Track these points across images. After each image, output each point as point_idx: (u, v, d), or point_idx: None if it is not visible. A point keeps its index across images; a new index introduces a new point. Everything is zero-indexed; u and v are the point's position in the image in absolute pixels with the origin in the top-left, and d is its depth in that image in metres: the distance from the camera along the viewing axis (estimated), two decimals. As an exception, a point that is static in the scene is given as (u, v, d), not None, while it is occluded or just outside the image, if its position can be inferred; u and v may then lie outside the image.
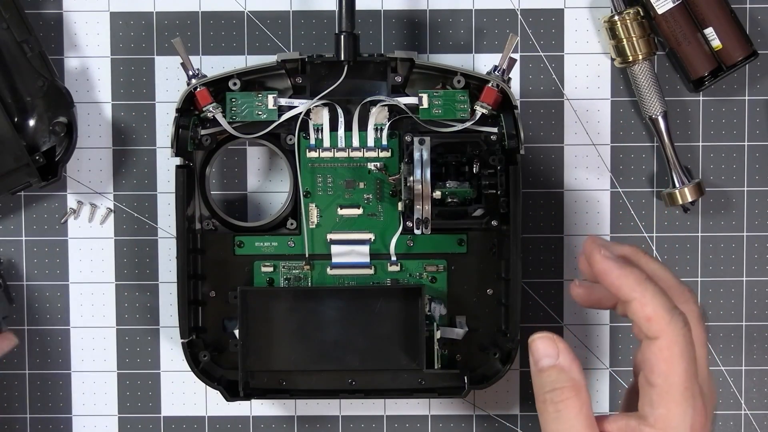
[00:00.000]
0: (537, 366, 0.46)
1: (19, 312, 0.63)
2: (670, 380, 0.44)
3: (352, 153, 0.58)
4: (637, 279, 0.44)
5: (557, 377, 0.45)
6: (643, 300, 0.44)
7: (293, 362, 0.57)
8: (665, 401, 0.44)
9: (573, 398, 0.45)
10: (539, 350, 0.46)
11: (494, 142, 0.57)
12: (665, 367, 0.44)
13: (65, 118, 0.59)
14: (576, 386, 0.45)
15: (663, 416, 0.44)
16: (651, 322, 0.44)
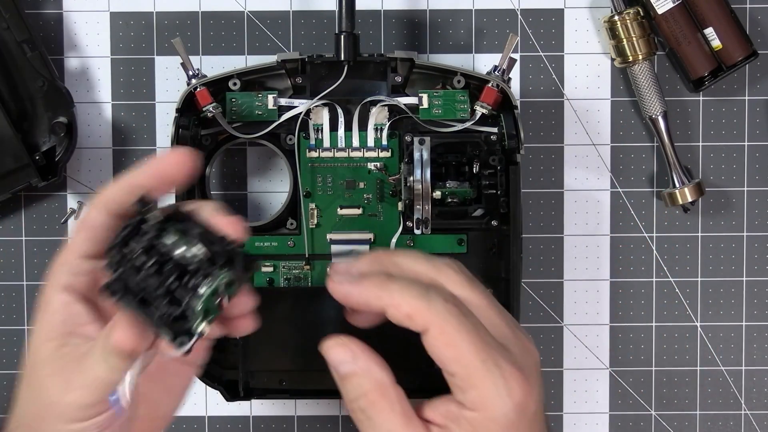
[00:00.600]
0: (338, 374, 0.44)
1: (19, 312, 0.63)
2: (464, 362, 0.41)
3: (352, 153, 0.58)
4: (377, 285, 0.43)
5: (359, 382, 0.43)
6: (393, 302, 0.42)
7: (293, 362, 0.57)
8: (471, 384, 0.41)
9: (380, 400, 0.43)
10: (334, 358, 0.44)
11: (494, 142, 0.57)
12: (451, 353, 0.41)
13: (65, 118, 0.59)
14: (380, 387, 0.43)
15: (476, 398, 0.42)
16: (413, 319, 0.42)
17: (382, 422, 0.43)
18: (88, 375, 0.41)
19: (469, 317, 0.42)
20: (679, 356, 0.63)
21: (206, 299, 0.39)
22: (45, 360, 0.43)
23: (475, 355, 0.41)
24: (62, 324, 0.43)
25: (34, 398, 0.43)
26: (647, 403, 0.63)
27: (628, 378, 0.63)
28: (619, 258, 0.63)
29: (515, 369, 0.42)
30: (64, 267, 0.44)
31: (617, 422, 0.63)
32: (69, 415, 0.42)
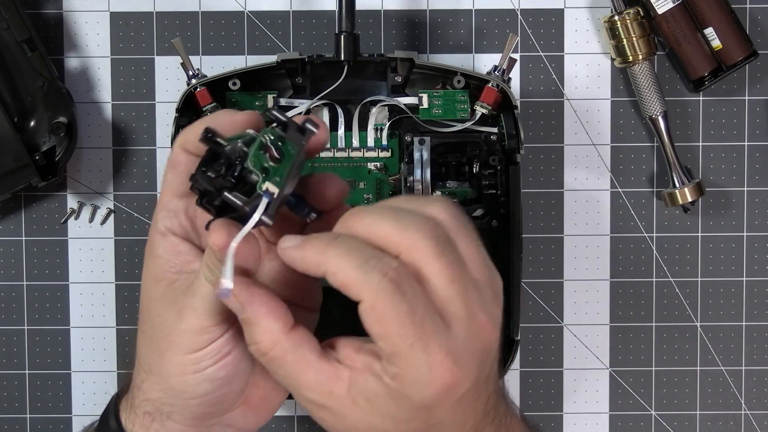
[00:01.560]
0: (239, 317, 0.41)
1: (19, 312, 0.63)
2: (390, 342, 0.39)
3: (352, 153, 0.58)
4: (317, 250, 0.40)
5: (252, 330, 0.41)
6: (330, 269, 0.40)
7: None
8: (394, 362, 0.40)
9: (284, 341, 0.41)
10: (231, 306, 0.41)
11: (494, 142, 0.57)
12: (379, 330, 0.39)
13: (65, 118, 0.59)
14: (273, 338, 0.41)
15: (397, 374, 0.40)
16: (348, 288, 0.40)
17: (278, 370, 0.41)
18: (196, 297, 0.42)
19: (406, 295, 0.39)
20: (679, 356, 0.63)
21: (254, 155, 0.40)
22: (157, 299, 0.44)
23: (403, 338, 0.39)
24: (169, 264, 0.44)
25: (151, 339, 0.44)
26: (647, 403, 0.63)
27: (628, 378, 0.63)
28: (619, 258, 0.63)
29: (446, 355, 0.39)
30: (161, 212, 0.45)
31: (617, 422, 0.63)
32: (186, 344, 0.43)
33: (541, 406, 0.63)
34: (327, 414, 0.42)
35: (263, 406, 0.47)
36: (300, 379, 0.41)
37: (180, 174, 0.45)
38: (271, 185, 0.40)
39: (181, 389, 0.44)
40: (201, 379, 0.44)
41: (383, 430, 0.41)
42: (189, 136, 0.44)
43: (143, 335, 0.45)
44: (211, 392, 0.44)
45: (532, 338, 0.63)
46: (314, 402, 0.42)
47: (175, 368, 0.44)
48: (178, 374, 0.44)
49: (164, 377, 0.44)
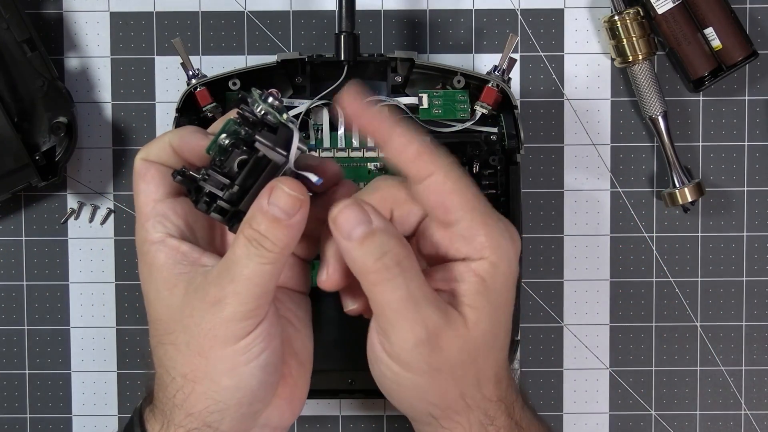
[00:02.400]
0: (354, 238, 0.41)
1: (19, 312, 0.63)
2: (470, 207, 0.41)
3: (352, 153, 0.58)
4: (388, 120, 0.42)
5: (382, 239, 0.41)
6: (403, 138, 0.42)
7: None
8: (478, 230, 0.41)
9: (407, 257, 0.41)
10: (347, 222, 0.41)
11: (494, 142, 0.57)
12: (457, 198, 0.41)
13: (65, 118, 0.59)
14: (402, 241, 0.42)
15: (484, 242, 0.42)
16: (418, 160, 0.41)
17: (408, 281, 0.41)
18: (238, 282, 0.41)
19: (467, 173, 0.43)
20: (679, 356, 0.63)
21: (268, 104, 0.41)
22: (180, 305, 0.43)
23: (479, 202, 0.42)
24: (176, 267, 0.43)
25: (187, 345, 0.42)
26: (647, 403, 0.63)
27: (628, 378, 0.63)
28: (619, 258, 0.63)
29: (509, 224, 0.43)
30: (149, 221, 0.44)
31: (617, 422, 0.63)
32: (232, 333, 0.41)
33: (541, 406, 0.63)
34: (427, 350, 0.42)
35: (294, 395, 0.46)
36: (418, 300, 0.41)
37: (151, 181, 0.44)
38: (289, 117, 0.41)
39: (235, 385, 0.42)
40: (254, 368, 0.42)
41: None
42: (152, 150, 0.44)
43: (173, 347, 0.43)
44: (264, 380, 0.42)
45: (532, 338, 0.63)
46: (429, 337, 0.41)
47: (226, 363, 0.42)
48: (230, 369, 0.42)
49: (215, 378, 0.42)
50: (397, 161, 0.42)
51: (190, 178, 0.42)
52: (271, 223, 0.40)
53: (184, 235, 0.44)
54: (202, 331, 0.42)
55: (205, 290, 0.42)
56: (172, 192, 0.45)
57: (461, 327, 0.42)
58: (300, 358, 0.46)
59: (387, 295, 0.41)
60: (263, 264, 0.41)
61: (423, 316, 0.41)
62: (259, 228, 0.41)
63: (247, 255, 0.41)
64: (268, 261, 0.41)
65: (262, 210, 0.41)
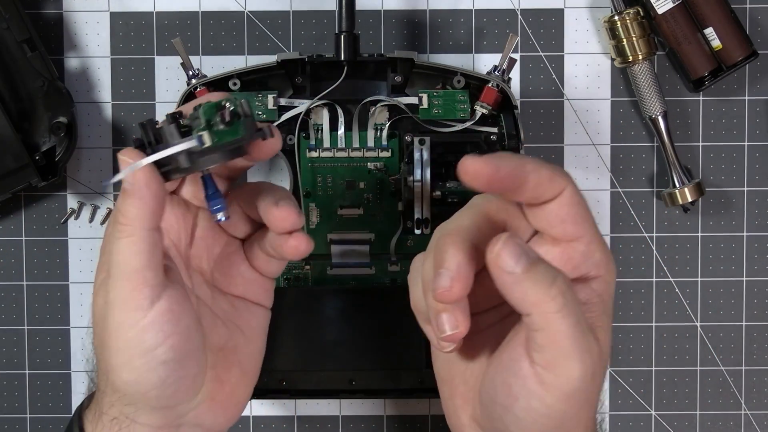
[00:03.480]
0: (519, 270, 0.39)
1: (19, 312, 0.63)
2: (591, 221, 0.42)
3: (352, 153, 0.58)
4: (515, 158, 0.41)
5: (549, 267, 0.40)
6: (535, 167, 0.41)
7: (293, 362, 0.57)
8: (597, 244, 0.42)
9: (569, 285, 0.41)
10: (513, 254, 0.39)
11: (494, 142, 0.57)
12: (584, 212, 0.42)
13: (65, 118, 0.59)
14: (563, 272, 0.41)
15: (601, 259, 0.42)
16: (553, 180, 0.41)
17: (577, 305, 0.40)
18: (113, 263, 0.41)
19: None
20: (679, 356, 0.63)
21: (207, 108, 0.41)
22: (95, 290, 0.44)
23: (593, 223, 0.42)
24: None
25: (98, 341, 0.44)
26: (647, 403, 0.63)
27: (628, 378, 0.63)
28: (619, 258, 0.63)
29: None
30: None
31: (617, 422, 0.63)
32: (120, 321, 0.42)
33: (541, 406, 0.63)
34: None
35: (231, 401, 0.46)
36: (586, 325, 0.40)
37: None
38: (207, 136, 0.41)
39: (135, 379, 0.42)
40: (152, 363, 0.42)
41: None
42: None
43: (96, 338, 0.44)
44: (165, 377, 0.42)
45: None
46: None
47: (121, 356, 0.42)
48: (126, 361, 0.42)
49: (117, 372, 0.42)
50: (534, 193, 0.41)
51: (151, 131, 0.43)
52: (121, 196, 0.41)
53: None
54: (101, 324, 0.43)
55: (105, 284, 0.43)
56: None
57: (602, 354, 0.41)
58: (244, 368, 0.47)
59: (563, 323, 0.39)
60: (120, 239, 0.41)
61: (590, 345, 0.40)
62: (117, 205, 0.41)
63: (111, 232, 0.42)
64: (125, 235, 0.41)
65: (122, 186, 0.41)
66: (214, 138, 0.41)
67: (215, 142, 0.41)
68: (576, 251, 0.42)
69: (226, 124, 0.41)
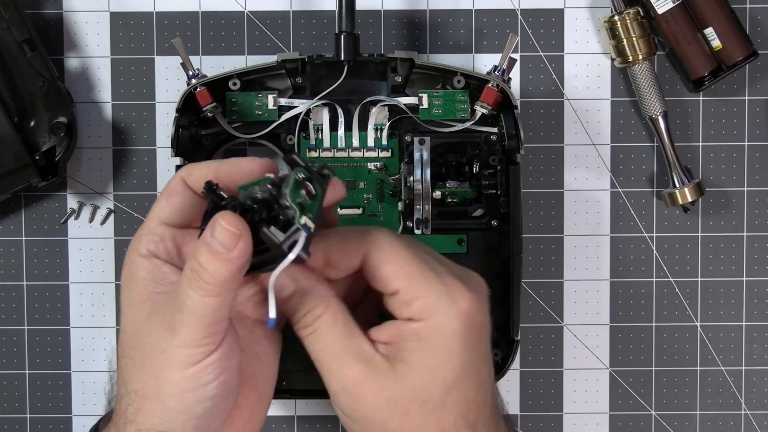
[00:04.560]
0: (280, 297, 0.44)
1: (19, 312, 0.63)
2: (404, 274, 0.43)
3: (352, 153, 0.58)
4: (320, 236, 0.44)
5: (302, 300, 0.44)
6: (329, 242, 0.43)
7: (293, 362, 0.57)
8: (414, 294, 0.43)
9: (326, 312, 0.43)
10: (277, 284, 0.43)
11: (494, 142, 0.57)
12: (392, 268, 0.43)
13: (65, 118, 0.59)
14: (325, 301, 0.44)
15: (422, 306, 0.43)
16: (348, 251, 0.43)
17: (327, 335, 0.43)
18: (183, 312, 0.42)
19: (404, 239, 0.44)
20: (679, 356, 0.63)
21: (292, 191, 0.41)
22: (143, 321, 0.43)
23: (415, 267, 0.43)
24: (152, 285, 0.44)
25: (142, 362, 0.43)
26: (647, 403, 0.63)
27: (628, 378, 0.63)
28: (619, 258, 0.63)
29: (457, 280, 0.43)
30: (147, 236, 0.45)
31: (617, 422, 0.63)
32: (182, 359, 0.42)
33: (541, 406, 0.63)
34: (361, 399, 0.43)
35: (248, 425, 0.47)
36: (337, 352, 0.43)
37: (174, 205, 0.45)
38: (308, 220, 0.41)
39: (180, 409, 0.43)
40: (202, 396, 0.43)
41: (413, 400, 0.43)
42: (194, 172, 0.45)
43: (131, 362, 0.44)
44: (211, 409, 0.43)
45: (532, 338, 0.63)
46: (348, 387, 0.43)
47: (173, 387, 0.42)
48: (177, 392, 0.42)
49: (162, 399, 0.43)
50: (343, 267, 0.44)
51: (218, 195, 0.43)
52: (210, 256, 0.41)
53: (172, 260, 0.45)
54: (155, 352, 0.43)
55: (164, 314, 0.43)
56: (182, 222, 0.46)
57: (388, 379, 0.43)
58: (261, 392, 0.47)
59: (310, 347, 0.44)
60: (204, 296, 0.41)
61: (342, 366, 0.43)
62: (200, 260, 0.41)
63: (189, 285, 0.42)
64: (208, 293, 0.41)
65: (204, 242, 0.41)
66: (311, 215, 0.41)
67: (314, 217, 0.41)
68: (397, 300, 0.43)
69: (312, 196, 0.42)
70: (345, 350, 0.43)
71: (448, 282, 0.43)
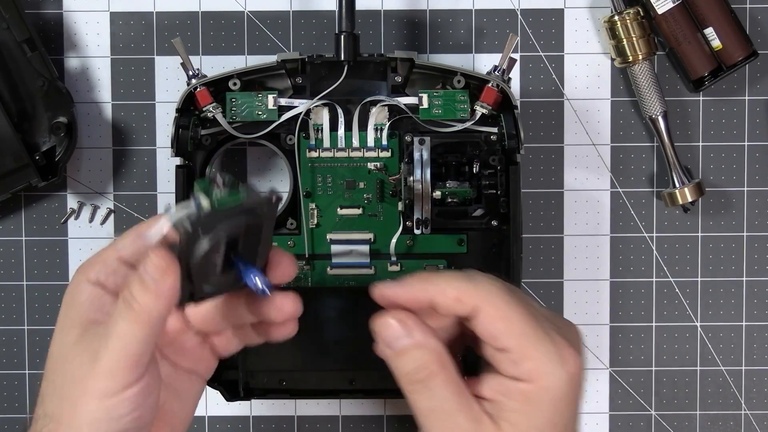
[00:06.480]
0: (392, 349, 0.44)
1: (19, 312, 0.63)
2: (517, 334, 0.42)
3: (352, 153, 0.58)
4: (421, 280, 0.44)
5: (418, 354, 0.43)
6: (439, 289, 0.43)
7: (293, 362, 0.57)
8: (525, 355, 0.42)
9: (440, 371, 0.43)
10: (388, 335, 0.44)
11: (494, 142, 0.57)
12: (504, 325, 0.42)
13: (65, 118, 0.59)
14: (439, 358, 0.43)
15: (531, 369, 0.42)
16: (462, 300, 0.43)
17: (439, 393, 0.43)
18: (112, 338, 0.42)
19: (516, 295, 0.43)
20: (679, 356, 0.63)
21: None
22: (70, 345, 0.43)
23: (528, 326, 0.42)
24: (89, 312, 0.44)
25: (62, 386, 0.43)
26: (647, 403, 0.63)
27: (628, 378, 0.63)
28: (619, 258, 0.63)
29: (566, 341, 0.43)
30: (99, 264, 0.45)
31: (617, 422, 0.63)
32: (100, 389, 0.42)
33: (541, 406, 0.63)
34: None
35: None
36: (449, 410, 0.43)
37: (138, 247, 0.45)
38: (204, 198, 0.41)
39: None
40: (115, 428, 0.42)
41: None
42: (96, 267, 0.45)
43: (51, 385, 0.44)
44: None
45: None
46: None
47: (88, 415, 0.42)
48: (91, 422, 0.42)
49: (75, 426, 0.42)
50: (443, 310, 0.44)
51: None
52: (140, 286, 0.41)
53: (116, 292, 0.45)
54: (75, 378, 0.43)
55: (90, 341, 0.43)
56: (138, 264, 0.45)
57: None
58: (174, 429, 0.48)
59: (419, 404, 0.44)
60: (131, 323, 0.41)
61: (453, 424, 0.43)
62: (131, 289, 0.42)
63: (119, 313, 0.42)
64: (136, 322, 0.41)
65: (137, 274, 0.42)
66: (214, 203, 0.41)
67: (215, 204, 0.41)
68: (506, 358, 0.43)
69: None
70: (457, 409, 0.43)
71: (557, 342, 0.43)
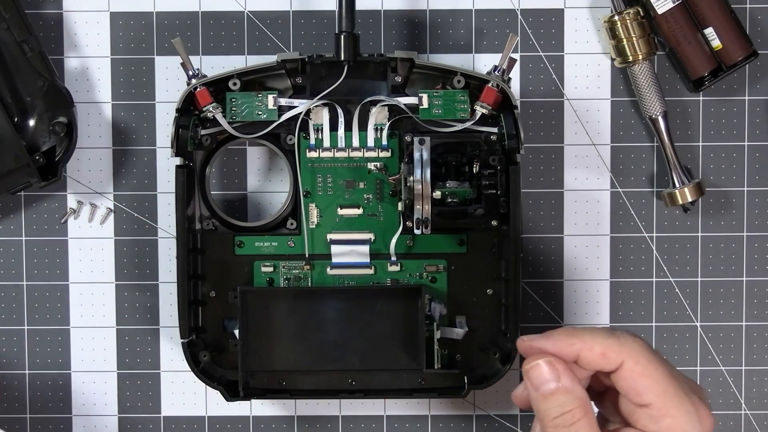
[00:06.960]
0: (540, 392, 0.45)
1: (19, 312, 0.63)
2: (659, 391, 0.44)
3: (352, 153, 0.58)
4: (567, 334, 0.45)
5: (564, 400, 0.45)
6: (585, 345, 0.44)
7: (293, 362, 0.57)
8: (666, 412, 0.44)
9: (584, 417, 0.44)
10: (538, 378, 0.45)
11: (494, 142, 0.57)
12: (647, 382, 0.44)
13: (65, 118, 0.59)
14: (584, 405, 0.45)
15: (671, 426, 0.44)
16: (607, 356, 0.44)
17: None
18: None
19: (656, 352, 0.45)
20: (679, 356, 0.63)
21: None
22: None
23: (671, 385, 0.44)
24: None
25: None
26: (647, 403, 0.63)
27: (628, 378, 0.63)
28: (619, 258, 0.63)
29: (702, 401, 0.45)
30: None
31: (617, 422, 0.63)
32: None
33: (541, 406, 0.63)
34: None
35: None
36: None
37: None
38: None
39: None
40: None
41: None
42: None
43: None
44: None
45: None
46: None
47: None
48: None
49: None
50: (588, 365, 0.45)
51: None
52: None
53: None
54: None
55: None
56: None
57: None
58: None
59: None
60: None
61: None
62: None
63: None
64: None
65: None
66: None
67: None
68: (645, 413, 0.45)
69: None
70: None
71: (695, 403, 0.45)
